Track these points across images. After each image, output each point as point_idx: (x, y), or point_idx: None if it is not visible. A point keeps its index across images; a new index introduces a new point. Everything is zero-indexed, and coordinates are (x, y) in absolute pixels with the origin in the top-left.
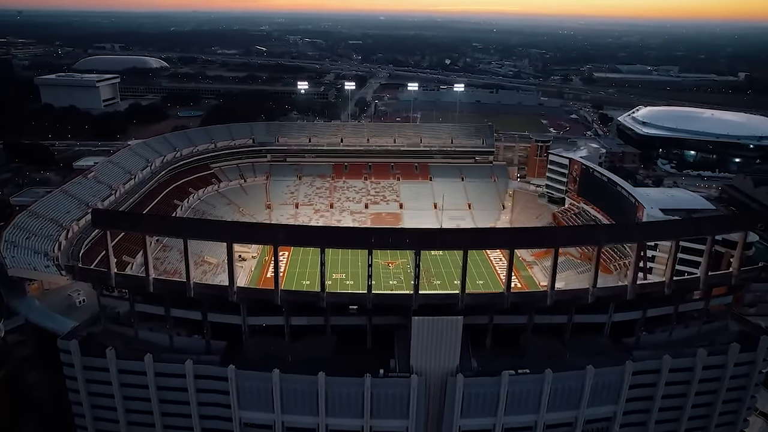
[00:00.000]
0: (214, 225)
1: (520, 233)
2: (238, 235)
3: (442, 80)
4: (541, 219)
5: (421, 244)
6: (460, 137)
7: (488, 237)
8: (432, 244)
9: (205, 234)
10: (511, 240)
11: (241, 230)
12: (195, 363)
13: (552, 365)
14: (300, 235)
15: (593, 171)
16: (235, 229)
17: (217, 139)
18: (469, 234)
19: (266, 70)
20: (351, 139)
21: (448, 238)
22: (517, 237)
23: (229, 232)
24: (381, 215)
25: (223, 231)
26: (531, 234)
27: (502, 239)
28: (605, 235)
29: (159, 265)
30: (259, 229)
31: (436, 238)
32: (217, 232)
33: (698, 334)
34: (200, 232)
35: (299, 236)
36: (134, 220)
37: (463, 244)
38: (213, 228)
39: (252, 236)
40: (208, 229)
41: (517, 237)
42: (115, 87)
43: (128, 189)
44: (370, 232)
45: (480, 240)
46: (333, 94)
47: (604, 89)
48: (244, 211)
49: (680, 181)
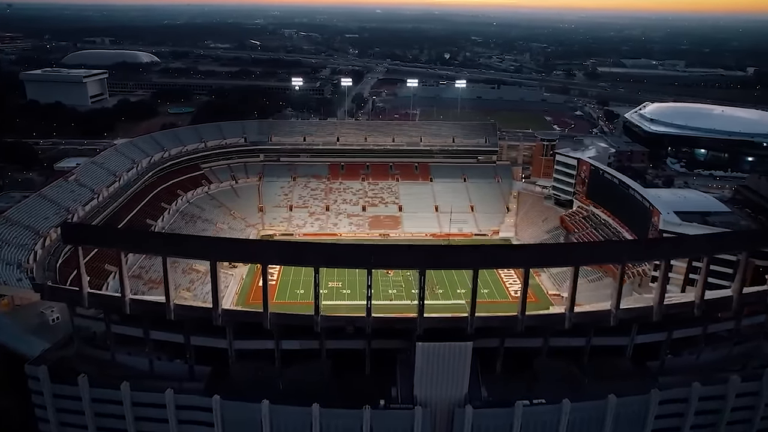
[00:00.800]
0: (197, 242)
1: (537, 251)
2: (222, 252)
3: (441, 75)
4: (548, 222)
5: (427, 264)
6: (462, 136)
7: (501, 255)
8: (439, 264)
9: (186, 251)
10: (527, 258)
11: (227, 247)
12: (176, 392)
13: (570, 394)
14: (292, 253)
15: (603, 172)
16: (220, 246)
17: (208, 138)
18: (480, 252)
19: (260, 64)
20: (348, 138)
21: (456, 257)
22: (534, 256)
23: (213, 250)
24: (379, 218)
25: (207, 248)
26: (548, 252)
27: (516, 258)
28: (630, 252)
29: (144, 274)
30: (246, 247)
31: (444, 257)
32: (199, 249)
33: (729, 357)
34: (181, 249)
35: (291, 254)
36: (108, 236)
37: (473, 263)
38: (195, 245)
39: (238, 254)
40: (191, 245)
41: (533, 256)
42: (103, 82)
43: (112, 192)
44: (370, 250)
45: (492, 259)
46: (329, 89)
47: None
48: (235, 213)
49: (691, 181)
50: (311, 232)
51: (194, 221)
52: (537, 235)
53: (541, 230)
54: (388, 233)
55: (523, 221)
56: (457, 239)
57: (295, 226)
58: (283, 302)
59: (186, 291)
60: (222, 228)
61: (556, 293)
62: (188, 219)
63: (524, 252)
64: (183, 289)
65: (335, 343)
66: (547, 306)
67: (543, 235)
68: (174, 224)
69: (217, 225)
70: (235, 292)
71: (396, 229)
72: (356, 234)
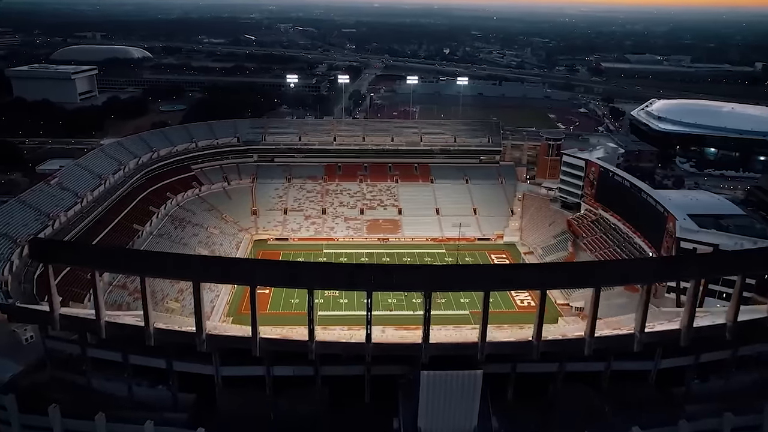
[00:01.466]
0: (179, 261)
1: (555, 271)
2: (206, 272)
3: (440, 71)
4: (555, 226)
5: (433, 285)
6: (464, 135)
7: (516, 276)
8: (446, 284)
9: (167, 271)
10: (544, 279)
11: (211, 267)
12: (157, 424)
13: (588, 424)
14: (283, 273)
15: (613, 174)
16: (204, 265)
17: (199, 137)
18: (491, 272)
19: (255, 60)
20: (345, 138)
21: (465, 276)
22: (552, 276)
23: (197, 270)
24: (378, 222)
25: (189, 268)
26: (567, 271)
27: (532, 279)
28: (659, 271)
29: (130, 284)
30: (232, 266)
31: (451, 278)
32: (182, 269)
33: (760, 381)
34: (162, 268)
35: (282, 275)
36: (81, 253)
37: (484, 284)
38: (177, 264)
39: (224, 274)
40: (171, 265)
41: (550, 276)
42: (92, 79)
43: (97, 196)
44: (370, 271)
45: (506, 280)
46: (325, 86)
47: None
48: (228, 217)
49: (702, 181)
50: (307, 237)
51: (184, 226)
52: (543, 240)
53: (548, 234)
54: (387, 238)
55: (528, 225)
56: (459, 244)
57: (289, 230)
58: (276, 313)
59: (174, 302)
60: (213, 232)
61: (565, 303)
62: (178, 223)
63: (541, 272)
64: (171, 299)
65: (332, 369)
66: (556, 318)
67: (550, 239)
68: (162, 229)
69: (209, 229)
70: (226, 302)
71: (395, 233)
72: (354, 239)
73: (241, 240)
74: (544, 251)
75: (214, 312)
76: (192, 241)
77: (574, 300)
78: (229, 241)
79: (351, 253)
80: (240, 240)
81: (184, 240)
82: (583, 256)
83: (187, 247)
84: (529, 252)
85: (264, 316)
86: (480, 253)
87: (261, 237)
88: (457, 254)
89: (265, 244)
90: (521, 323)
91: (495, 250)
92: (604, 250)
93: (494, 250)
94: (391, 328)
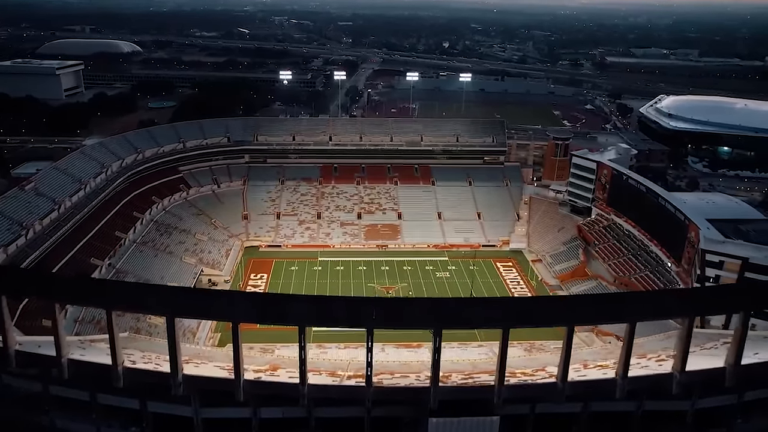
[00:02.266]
0: (150, 292)
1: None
2: (181, 306)
3: (440, 66)
4: (564, 232)
5: (445, 322)
6: (467, 134)
7: (537, 310)
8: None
9: (136, 303)
10: (571, 313)
11: (187, 300)
12: None
13: None
14: (268, 306)
15: (627, 178)
16: (179, 297)
17: (187, 137)
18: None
19: (248, 54)
20: (341, 137)
21: (482, 313)
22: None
23: (170, 303)
24: (376, 227)
25: (162, 300)
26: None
27: (558, 314)
28: (701, 304)
29: None
30: (211, 298)
31: (464, 313)
32: (154, 301)
33: None
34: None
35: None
36: (39, 282)
37: (502, 320)
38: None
39: (201, 308)
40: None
41: (578, 310)
42: (78, 74)
43: (76, 202)
44: (370, 304)
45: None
46: (321, 81)
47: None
48: (217, 222)
49: (716, 182)
50: (301, 244)
51: (170, 232)
52: (552, 247)
53: (557, 241)
54: (386, 244)
55: (536, 231)
56: (462, 251)
57: (282, 236)
58: (268, 328)
59: (157, 317)
60: (201, 239)
61: None
62: (164, 230)
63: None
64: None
65: (326, 411)
66: None
67: (559, 246)
68: (147, 236)
69: (196, 236)
70: None
71: (395, 239)
72: (351, 245)
73: (231, 247)
74: (553, 259)
75: (201, 327)
76: (178, 249)
77: None
78: (218, 249)
79: (347, 261)
80: (230, 247)
81: (170, 248)
82: (595, 265)
83: (172, 255)
84: (537, 260)
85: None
86: (485, 261)
87: (252, 243)
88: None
89: (257, 251)
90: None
91: (501, 257)
92: (617, 259)
93: (500, 258)
94: (392, 346)
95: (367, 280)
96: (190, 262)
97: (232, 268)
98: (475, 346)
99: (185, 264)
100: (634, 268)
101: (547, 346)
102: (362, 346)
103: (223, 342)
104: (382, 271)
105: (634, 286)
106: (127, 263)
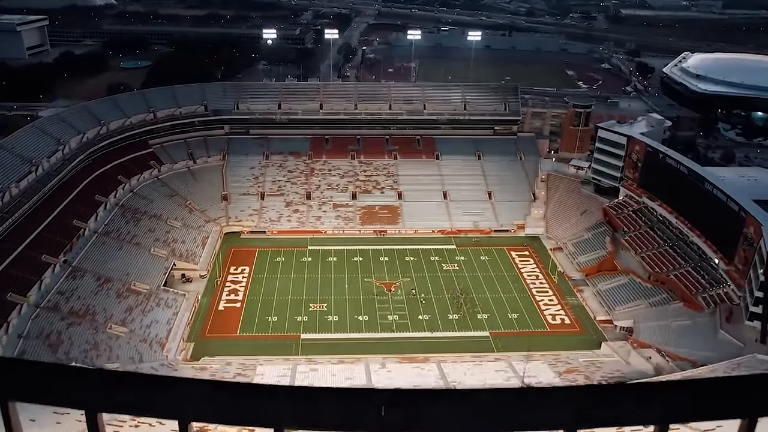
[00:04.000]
0: (67, 376)
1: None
2: (107, 401)
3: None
4: (588, 216)
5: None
6: (475, 100)
7: (615, 407)
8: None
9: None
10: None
11: (114, 392)
12: None
13: None
14: (235, 404)
15: (664, 156)
16: (104, 386)
17: (158, 106)
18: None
19: (231, 7)
20: (334, 104)
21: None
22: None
23: (93, 395)
24: (374, 210)
25: (81, 392)
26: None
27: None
28: None
29: (64, 304)
30: (155, 391)
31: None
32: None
33: None
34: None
35: (233, 407)
36: None
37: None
38: (63, 383)
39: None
40: (55, 385)
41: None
42: (43, 31)
43: (26, 187)
44: (369, 398)
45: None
46: (311, 38)
47: (636, 30)
48: (192, 205)
49: (753, 153)
50: (288, 229)
51: (138, 218)
52: (574, 233)
53: (580, 227)
54: (385, 230)
55: (554, 213)
56: (473, 237)
57: (267, 220)
58: (248, 336)
59: (120, 326)
60: (175, 225)
61: (607, 319)
62: (130, 216)
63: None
64: (115, 323)
65: None
66: (598, 343)
67: (582, 233)
68: (111, 224)
69: (168, 222)
70: (186, 322)
71: (395, 223)
72: (344, 231)
73: (209, 234)
74: (576, 248)
75: (171, 336)
76: (147, 240)
77: (619, 317)
78: (193, 237)
79: (341, 250)
80: (207, 234)
81: (137, 238)
82: (624, 256)
83: (140, 247)
84: (557, 248)
85: (234, 341)
86: (498, 250)
87: (232, 229)
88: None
89: (238, 238)
90: (556, 349)
91: (515, 245)
92: (652, 251)
93: (515, 246)
94: (394, 360)
95: (364, 273)
96: (161, 255)
97: (209, 260)
98: (492, 361)
99: (155, 257)
100: (673, 262)
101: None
102: (358, 360)
103: (196, 354)
104: (381, 263)
105: (674, 285)
106: (85, 259)
